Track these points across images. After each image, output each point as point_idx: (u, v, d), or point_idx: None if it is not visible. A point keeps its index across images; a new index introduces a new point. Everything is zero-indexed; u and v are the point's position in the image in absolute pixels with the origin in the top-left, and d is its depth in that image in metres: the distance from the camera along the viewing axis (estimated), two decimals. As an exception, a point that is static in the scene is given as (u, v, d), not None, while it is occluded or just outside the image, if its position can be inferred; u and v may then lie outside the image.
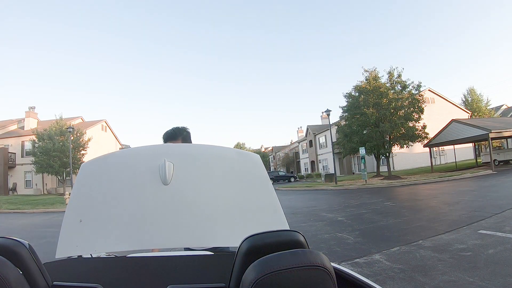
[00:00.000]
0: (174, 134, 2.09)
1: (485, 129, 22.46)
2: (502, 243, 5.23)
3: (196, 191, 1.38)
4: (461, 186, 14.85)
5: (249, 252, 0.88)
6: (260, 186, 1.42)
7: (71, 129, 27.20)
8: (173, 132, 2.09)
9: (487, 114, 43.78)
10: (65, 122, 33.58)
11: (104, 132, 43.13)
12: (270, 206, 1.39)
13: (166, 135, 2.09)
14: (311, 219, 9.66)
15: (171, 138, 2.08)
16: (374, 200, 12.98)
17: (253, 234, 0.92)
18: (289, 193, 21.75)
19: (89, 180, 1.44)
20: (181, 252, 1.81)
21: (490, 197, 10.41)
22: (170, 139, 2.08)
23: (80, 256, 1.54)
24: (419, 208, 10.01)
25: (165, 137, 2.10)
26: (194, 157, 1.46)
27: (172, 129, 2.11)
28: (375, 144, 24.70)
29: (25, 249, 0.95)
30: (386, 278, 4.12)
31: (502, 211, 7.82)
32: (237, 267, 0.91)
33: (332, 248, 5.97)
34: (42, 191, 35.28)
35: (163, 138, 2.11)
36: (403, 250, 5.38)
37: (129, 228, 1.34)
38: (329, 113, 25.79)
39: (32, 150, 33.33)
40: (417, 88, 24.94)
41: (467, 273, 4.00)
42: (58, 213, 16.51)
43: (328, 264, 0.78)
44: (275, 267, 0.74)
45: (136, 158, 1.44)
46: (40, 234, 9.87)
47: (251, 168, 1.44)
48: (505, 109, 51.40)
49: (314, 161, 50.47)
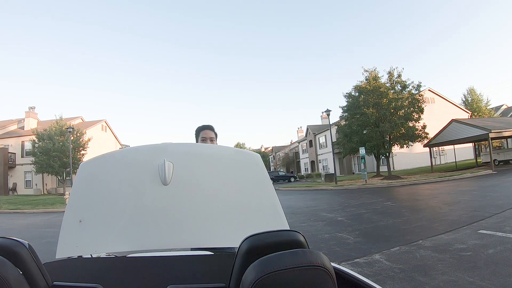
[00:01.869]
0: (210, 126, 2.43)
1: (485, 129, 22.47)
2: (502, 243, 5.22)
3: (196, 191, 1.39)
4: (461, 186, 14.84)
5: (249, 252, 0.88)
6: (260, 186, 1.42)
7: (71, 129, 27.20)
8: (209, 125, 2.43)
9: (487, 114, 43.79)
10: (65, 122, 33.62)
11: (104, 132, 43.12)
12: (271, 206, 1.40)
13: (202, 126, 2.43)
14: (311, 219, 9.66)
15: (208, 128, 2.41)
16: (374, 200, 12.98)
17: (253, 234, 0.91)
18: (289, 193, 21.75)
19: (88, 180, 1.44)
20: (181, 252, 1.81)
21: (490, 197, 10.41)
22: (206, 128, 2.40)
23: (80, 256, 1.54)
24: (419, 208, 10.00)
25: (201, 128, 2.41)
26: (194, 157, 1.45)
27: (207, 124, 2.43)
28: (375, 144, 24.70)
29: (25, 249, 0.95)
30: (386, 278, 4.11)
31: (502, 211, 7.82)
32: (237, 267, 0.91)
33: (332, 248, 5.97)
34: (42, 191, 35.29)
35: (198, 128, 2.42)
36: (403, 250, 5.38)
37: (129, 229, 1.35)
38: (329, 113, 25.80)
39: (32, 150, 33.36)
40: (417, 88, 24.95)
41: (467, 273, 4.00)
42: (58, 213, 16.50)
43: (328, 264, 0.78)
44: (275, 267, 0.74)
45: (135, 158, 1.44)
46: (40, 234, 9.87)
47: (251, 167, 1.44)
48: (505, 109, 51.38)
49: (314, 161, 50.47)
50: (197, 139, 2.42)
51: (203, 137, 2.37)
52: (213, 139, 2.40)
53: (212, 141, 2.38)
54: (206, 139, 2.36)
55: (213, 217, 1.37)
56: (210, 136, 2.39)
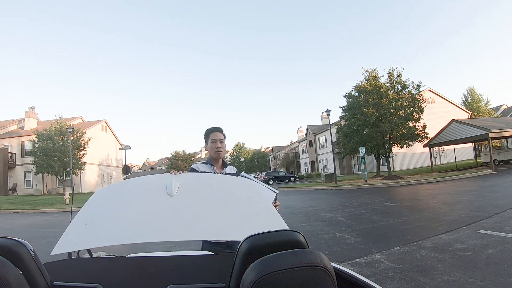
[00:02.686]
0: (219, 128, 2.57)
1: (485, 129, 22.45)
2: (502, 243, 5.22)
3: (198, 199, 1.57)
4: (461, 186, 14.84)
5: (249, 252, 0.89)
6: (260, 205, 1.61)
7: (71, 129, 27.15)
8: (218, 127, 2.57)
9: (487, 114, 43.76)
10: (65, 122, 33.62)
11: (104, 132, 43.14)
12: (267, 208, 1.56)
13: (211, 128, 2.56)
14: (311, 219, 9.65)
15: (217, 130, 2.55)
16: (374, 200, 12.97)
17: (253, 234, 0.92)
18: (289, 193, 21.73)
19: (101, 197, 1.65)
20: (181, 252, 1.83)
21: (490, 197, 10.40)
22: (215, 130, 2.54)
23: (79, 256, 1.57)
24: (419, 208, 9.99)
25: (211, 130, 2.55)
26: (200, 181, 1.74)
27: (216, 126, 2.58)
28: (375, 144, 24.67)
29: (25, 249, 0.95)
30: (386, 278, 4.11)
31: (502, 211, 7.81)
32: (237, 267, 0.91)
33: (332, 248, 5.96)
34: (42, 191, 35.28)
35: (208, 130, 2.56)
36: (403, 250, 5.37)
37: (132, 224, 1.43)
38: (329, 113, 25.74)
39: (32, 150, 33.37)
40: (417, 88, 24.90)
41: (467, 273, 3.99)
42: (58, 213, 16.49)
43: (328, 264, 0.78)
44: (275, 267, 0.74)
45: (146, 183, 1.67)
46: (40, 234, 9.86)
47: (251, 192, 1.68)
48: (505, 109, 51.37)
49: (314, 161, 50.44)
50: (207, 141, 2.57)
51: (214, 139, 2.52)
52: (222, 141, 2.55)
53: (221, 142, 2.54)
54: (216, 141, 2.51)
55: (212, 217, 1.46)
56: (220, 138, 2.54)
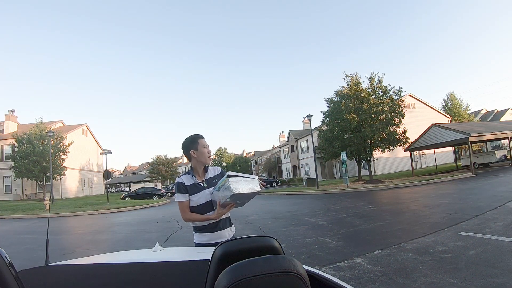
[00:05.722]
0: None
1: (465, 133, 22.97)
2: (482, 244, 5.25)
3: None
4: (441, 189, 15.07)
5: (223, 258, 0.90)
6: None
7: (51, 133, 26.40)
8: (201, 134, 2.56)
9: (466, 118, 44.92)
10: (45, 126, 33.01)
11: (85, 137, 42.59)
12: None
13: (198, 135, 2.52)
14: (293, 223, 9.58)
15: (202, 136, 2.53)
16: (356, 204, 13.00)
17: (227, 240, 0.95)
18: (271, 198, 21.67)
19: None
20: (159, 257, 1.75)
21: (470, 200, 10.56)
22: (202, 137, 2.52)
23: (55, 263, 1.52)
24: (400, 211, 10.05)
25: (199, 136, 2.51)
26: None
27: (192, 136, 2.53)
28: (356, 148, 24.96)
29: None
30: (368, 281, 4.05)
31: (482, 213, 7.90)
32: (211, 274, 0.92)
33: (313, 252, 5.89)
34: (22, 196, 34.56)
35: (196, 136, 2.50)
36: (384, 253, 5.34)
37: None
38: (311, 118, 25.85)
39: (12, 154, 32.86)
40: (398, 93, 25.39)
41: (448, 275, 3.97)
42: (38, 219, 16.12)
43: (301, 269, 0.77)
44: (247, 273, 0.74)
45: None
46: (20, 240, 9.58)
47: None
48: (484, 114, 52.81)
49: (296, 165, 50.72)
50: (194, 148, 2.47)
51: (205, 144, 2.50)
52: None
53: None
54: (207, 146, 2.51)
55: None
56: (207, 143, 2.54)
